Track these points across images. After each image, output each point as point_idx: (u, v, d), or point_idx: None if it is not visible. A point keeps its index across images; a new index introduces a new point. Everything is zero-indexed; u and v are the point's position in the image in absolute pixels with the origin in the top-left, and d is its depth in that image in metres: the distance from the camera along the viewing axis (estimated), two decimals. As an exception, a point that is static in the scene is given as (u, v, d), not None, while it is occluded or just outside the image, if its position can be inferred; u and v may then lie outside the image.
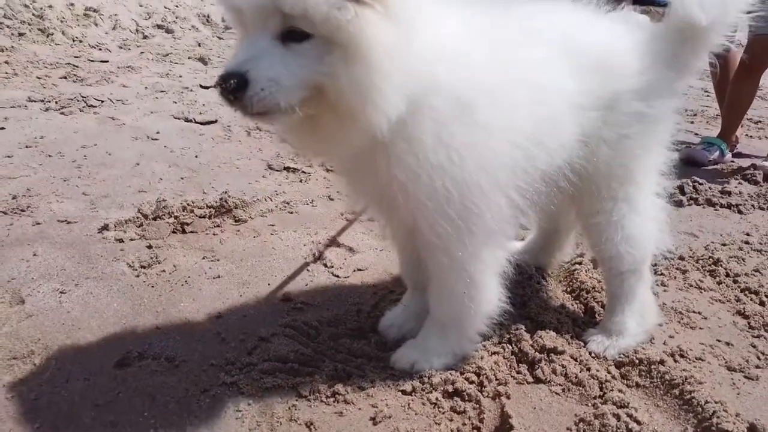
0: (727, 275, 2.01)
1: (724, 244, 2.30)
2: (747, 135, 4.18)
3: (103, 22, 6.23)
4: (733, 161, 3.50)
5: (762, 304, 1.85)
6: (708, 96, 5.74)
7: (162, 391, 1.30)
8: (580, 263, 2.00)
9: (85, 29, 5.91)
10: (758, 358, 1.59)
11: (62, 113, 3.43)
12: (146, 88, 4.25)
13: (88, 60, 4.95)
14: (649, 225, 1.51)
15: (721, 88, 3.74)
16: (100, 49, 5.46)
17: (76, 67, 4.61)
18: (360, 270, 1.96)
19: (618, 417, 1.26)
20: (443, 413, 1.29)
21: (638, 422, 1.25)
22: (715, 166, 3.40)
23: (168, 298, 1.69)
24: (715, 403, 1.32)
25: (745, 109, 3.59)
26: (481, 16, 1.28)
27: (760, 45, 3.26)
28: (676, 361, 1.50)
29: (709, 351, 1.58)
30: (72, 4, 6.37)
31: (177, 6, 7.33)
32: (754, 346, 1.63)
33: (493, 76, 1.22)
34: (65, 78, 4.25)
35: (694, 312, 1.78)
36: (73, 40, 5.56)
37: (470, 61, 1.20)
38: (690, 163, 3.36)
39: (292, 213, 2.37)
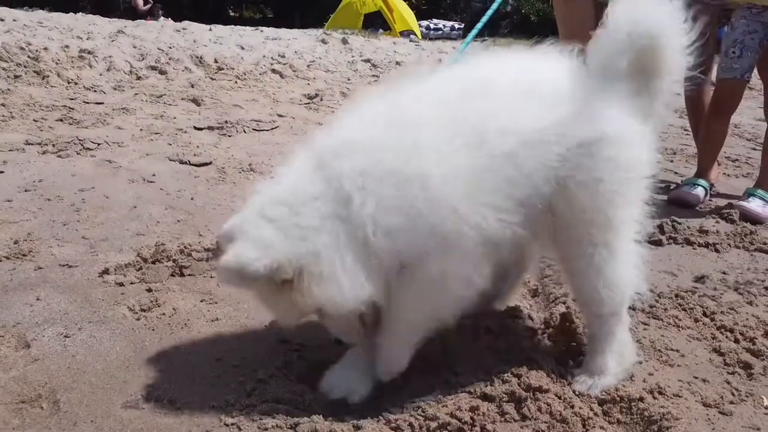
0: (704, 314, 2.11)
1: (701, 283, 2.41)
2: (724, 174, 4.33)
3: (97, 64, 6.37)
4: (710, 200, 3.63)
5: (737, 341, 1.95)
6: (687, 134, 5.93)
7: (166, 433, 1.36)
8: (563, 302, 2.09)
9: (79, 71, 6.05)
10: (732, 394, 1.67)
11: (59, 156, 3.52)
12: (141, 129, 4.35)
13: (84, 102, 5.06)
14: (629, 270, 1.59)
15: (695, 126, 3.93)
16: (95, 91, 5.58)
17: (72, 109, 4.71)
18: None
19: (600, 453, 1.33)
20: (435, 451, 1.36)
21: (619, 458, 1.33)
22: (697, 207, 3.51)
23: (169, 341, 1.75)
24: (691, 438, 1.40)
25: (718, 148, 3.73)
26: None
27: (725, 88, 3.47)
28: (654, 398, 1.58)
29: (687, 388, 1.67)
30: (67, 46, 6.53)
31: (170, 47, 7.51)
32: (729, 383, 1.72)
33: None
34: (61, 120, 4.35)
35: (672, 350, 1.86)
36: (68, 82, 5.68)
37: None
38: (681, 205, 3.43)
39: (286, 255, 2.45)
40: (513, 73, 1.53)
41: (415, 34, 16.94)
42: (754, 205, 3.34)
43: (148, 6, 13.57)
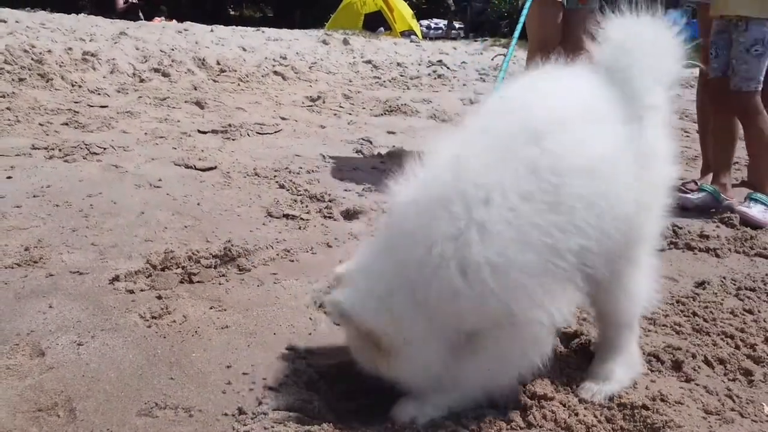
0: (705, 320, 2.14)
1: (702, 289, 2.44)
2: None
3: (101, 66, 6.41)
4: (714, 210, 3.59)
5: (737, 347, 1.98)
6: (687, 137, 5.97)
7: (181, 441, 1.40)
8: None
9: (83, 74, 6.08)
10: (733, 401, 1.70)
11: (66, 161, 3.55)
12: (146, 133, 4.38)
13: (88, 105, 5.09)
14: (648, 282, 1.65)
15: (704, 128, 4.00)
16: (99, 94, 5.61)
17: (77, 113, 4.75)
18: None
19: (604, 460, 1.37)
20: (443, 458, 1.39)
21: (622, 465, 1.36)
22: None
23: (180, 348, 1.79)
24: (693, 445, 1.44)
25: (728, 148, 3.73)
26: None
27: (713, 86, 3.56)
28: (657, 405, 1.62)
29: (688, 395, 1.70)
30: (70, 49, 6.56)
31: (173, 49, 7.54)
32: (730, 390, 1.75)
33: None
34: (67, 124, 4.38)
35: (673, 356, 1.89)
36: (73, 85, 5.71)
37: None
38: (699, 210, 3.46)
39: (293, 261, 2.49)
40: (576, 110, 1.49)
41: (416, 34, 16.95)
42: (755, 210, 3.37)
43: (127, 4, 13.12)
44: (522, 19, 2.89)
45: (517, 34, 2.80)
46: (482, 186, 1.36)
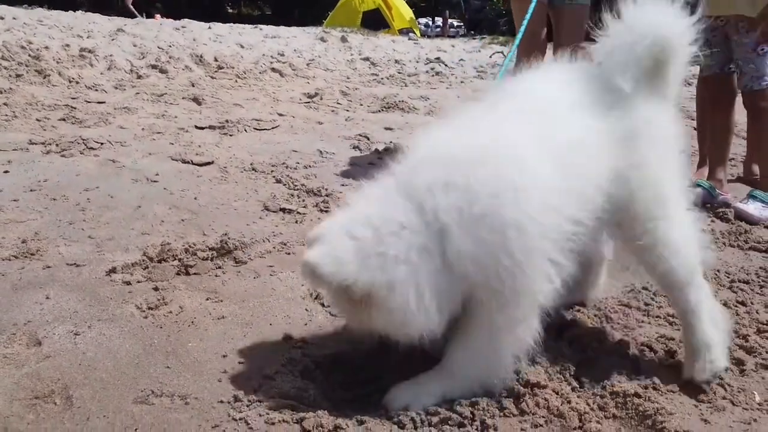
0: (698, 311, 2.16)
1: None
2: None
3: (98, 63, 6.41)
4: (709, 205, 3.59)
5: (730, 338, 1.99)
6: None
7: (176, 427, 1.41)
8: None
9: (80, 70, 6.09)
10: (725, 389, 1.71)
11: (63, 156, 3.56)
12: (143, 129, 4.39)
13: (85, 101, 5.10)
14: (690, 235, 1.71)
15: (701, 123, 4.02)
16: (96, 90, 5.62)
17: (74, 108, 4.75)
18: (355, 309, 2.08)
19: (595, 446, 1.38)
20: (437, 444, 1.40)
21: (614, 451, 1.38)
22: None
23: (176, 338, 1.80)
24: (684, 432, 1.45)
25: (722, 145, 3.75)
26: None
27: (710, 83, 3.58)
28: (649, 393, 1.63)
29: (680, 384, 1.71)
30: (67, 45, 6.56)
31: (170, 46, 7.55)
32: (721, 378, 1.76)
33: None
34: (64, 120, 4.39)
35: (666, 347, 1.91)
36: (70, 81, 5.72)
37: None
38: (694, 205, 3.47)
39: (289, 254, 2.50)
40: (563, 91, 1.65)
41: (414, 32, 16.94)
42: (752, 207, 3.38)
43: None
44: (525, 21, 2.91)
45: (519, 35, 2.81)
46: (519, 154, 1.47)
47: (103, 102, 5.14)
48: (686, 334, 1.75)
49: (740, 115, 3.75)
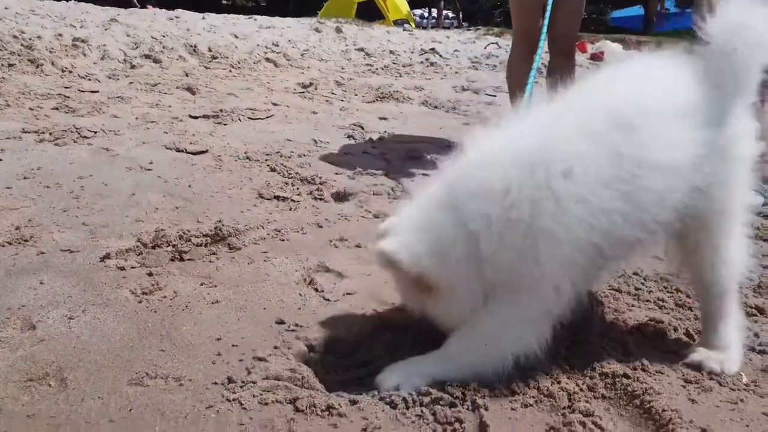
0: (687, 295, 2.18)
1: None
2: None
3: (91, 53, 6.38)
4: None
5: (718, 321, 2.02)
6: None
7: (171, 408, 1.42)
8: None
9: (73, 59, 6.06)
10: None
11: (57, 144, 3.55)
12: (137, 118, 4.38)
13: (79, 90, 5.08)
14: (743, 249, 1.71)
15: None
16: (90, 80, 5.59)
17: (67, 97, 4.73)
18: (349, 294, 2.09)
19: (584, 425, 1.41)
20: (428, 424, 1.42)
21: (602, 429, 1.40)
22: None
23: (170, 322, 1.81)
24: (672, 411, 1.47)
25: None
26: None
27: None
28: (638, 374, 1.65)
29: (669, 365, 1.74)
30: (60, 35, 6.53)
31: (164, 36, 7.51)
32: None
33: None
34: (57, 109, 4.37)
35: (656, 330, 1.93)
36: (63, 71, 5.69)
37: None
38: None
39: (283, 240, 2.51)
40: (658, 97, 1.57)
41: (409, 23, 16.90)
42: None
43: None
44: (545, 21, 2.87)
45: (543, 35, 2.72)
46: (566, 160, 1.45)
47: (97, 91, 5.12)
48: (709, 333, 1.77)
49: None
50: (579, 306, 1.82)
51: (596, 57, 11.04)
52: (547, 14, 2.82)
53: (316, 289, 2.12)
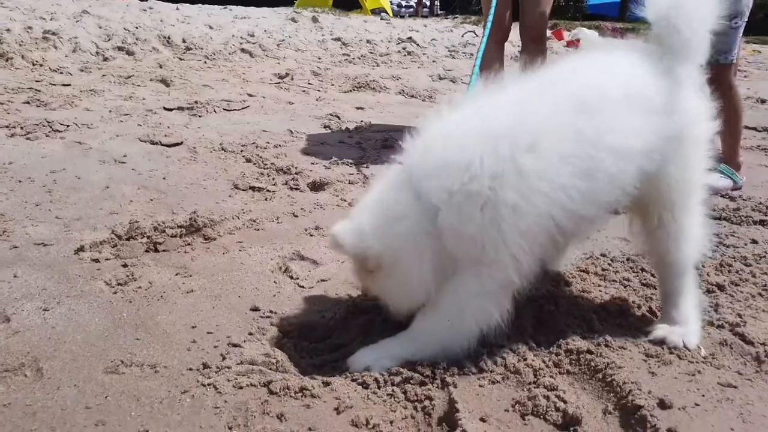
0: (652, 275, 2.25)
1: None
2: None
3: (62, 45, 6.28)
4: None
5: (681, 299, 2.10)
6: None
7: (146, 394, 1.45)
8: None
9: (44, 53, 5.96)
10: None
11: (28, 139, 3.52)
12: (110, 111, 4.35)
13: (50, 84, 5.02)
14: (702, 228, 1.79)
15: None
16: (61, 73, 5.52)
17: (39, 91, 4.67)
18: (323, 281, 2.13)
19: (548, 398, 1.47)
20: (398, 402, 1.47)
21: (565, 401, 1.46)
22: None
23: (146, 312, 1.83)
24: (632, 383, 1.54)
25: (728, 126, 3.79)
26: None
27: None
28: (601, 350, 1.72)
29: (632, 341, 1.80)
30: (30, 28, 6.41)
31: (137, 27, 7.42)
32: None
33: None
34: (28, 103, 4.32)
35: (621, 308, 2.00)
36: (33, 64, 5.61)
37: None
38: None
39: (258, 230, 2.53)
40: (618, 82, 1.63)
41: (386, 12, 16.84)
42: (711, 178, 3.50)
43: None
44: (492, 12, 2.95)
45: (488, 25, 2.84)
46: (531, 135, 1.51)
47: (69, 85, 5.06)
48: (669, 308, 1.85)
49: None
50: (539, 280, 1.89)
51: (572, 44, 11.14)
52: (493, 5, 2.92)
53: (291, 277, 2.15)
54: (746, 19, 3.44)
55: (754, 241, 2.70)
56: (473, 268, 1.54)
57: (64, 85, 5.04)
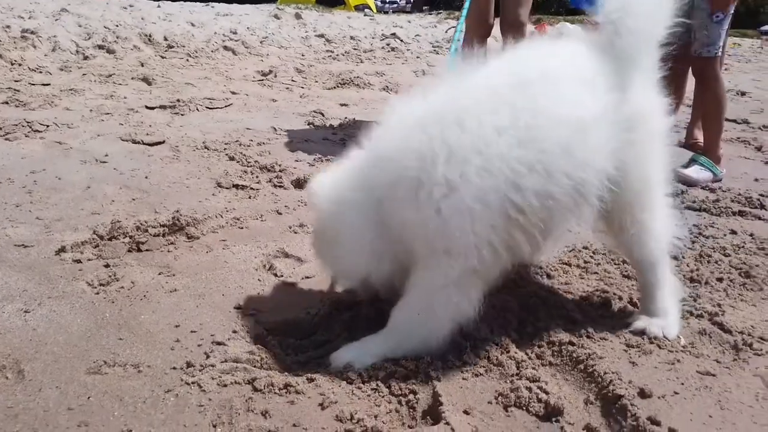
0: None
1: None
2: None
3: (41, 44, 6.20)
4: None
5: (661, 289, 2.13)
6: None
7: (130, 394, 1.44)
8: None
9: (23, 52, 5.88)
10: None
11: (7, 139, 3.48)
12: (91, 110, 4.30)
13: (29, 84, 4.95)
14: (668, 220, 1.81)
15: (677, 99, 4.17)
16: (41, 72, 5.45)
17: (18, 91, 4.61)
18: (308, 278, 2.13)
19: (530, 389, 1.49)
20: (383, 396, 1.48)
21: (547, 392, 1.48)
22: None
23: (129, 311, 1.82)
24: (613, 373, 1.56)
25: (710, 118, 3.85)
26: None
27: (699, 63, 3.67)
28: (582, 341, 1.74)
29: (612, 332, 1.83)
30: (8, 27, 6.33)
31: (117, 25, 7.34)
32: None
33: None
34: (7, 103, 4.26)
35: (602, 300, 2.02)
36: (12, 64, 5.53)
37: None
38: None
39: (242, 228, 2.52)
40: (559, 62, 1.64)
41: (370, 8, 16.81)
42: (691, 171, 3.56)
43: None
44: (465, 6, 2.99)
45: (465, 11, 2.90)
46: (459, 111, 1.51)
47: (48, 84, 4.99)
48: (647, 301, 1.87)
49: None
50: (523, 273, 1.90)
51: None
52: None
53: (276, 274, 2.15)
54: (730, 13, 3.48)
55: (733, 232, 2.75)
56: (432, 259, 1.52)
57: (43, 84, 4.98)
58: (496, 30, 3.93)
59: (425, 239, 1.51)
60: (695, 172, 3.57)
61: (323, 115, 4.78)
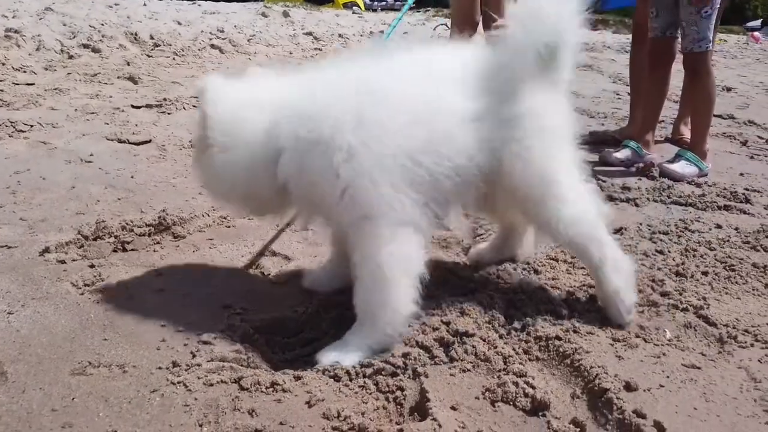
0: (620, 261, 2.30)
1: (620, 234, 2.60)
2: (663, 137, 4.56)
3: (25, 44, 6.13)
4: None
5: (647, 284, 2.14)
6: (619, 98, 6.22)
7: (115, 394, 1.43)
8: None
9: (6, 51, 5.81)
10: (642, 328, 1.84)
11: (-9, 139, 3.43)
12: (76, 110, 4.26)
13: (13, 83, 4.89)
14: (584, 208, 1.81)
15: (636, 87, 4.22)
16: (25, 72, 5.39)
17: (1, 90, 4.56)
18: (295, 276, 2.12)
19: (517, 384, 1.49)
20: (370, 393, 1.48)
21: (533, 387, 1.48)
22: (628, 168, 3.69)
23: (114, 312, 1.80)
24: (599, 367, 1.57)
25: (651, 107, 3.90)
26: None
27: (652, 47, 3.71)
28: (569, 336, 1.75)
29: (599, 327, 1.84)
30: (-9, 26, 6.24)
31: (102, 24, 7.28)
32: (639, 320, 1.89)
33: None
34: (-10, 103, 4.21)
35: (588, 294, 2.03)
36: (-5, 63, 5.46)
37: None
38: (605, 164, 3.71)
39: (229, 227, 2.51)
40: (451, 62, 1.76)
41: (358, 6, 16.78)
42: (677, 166, 3.58)
43: None
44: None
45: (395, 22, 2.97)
46: (365, 86, 1.64)
47: (32, 84, 4.94)
48: (597, 287, 1.90)
49: (673, 79, 3.91)
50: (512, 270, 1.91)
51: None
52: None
53: (263, 273, 2.14)
54: (717, 7, 3.50)
55: (719, 226, 2.77)
56: (356, 228, 1.61)
57: (27, 84, 4.92)
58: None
59: (337, 207, 1.60)
60: (681, 167, 3.59)
61: (311, 113, 4.75)
